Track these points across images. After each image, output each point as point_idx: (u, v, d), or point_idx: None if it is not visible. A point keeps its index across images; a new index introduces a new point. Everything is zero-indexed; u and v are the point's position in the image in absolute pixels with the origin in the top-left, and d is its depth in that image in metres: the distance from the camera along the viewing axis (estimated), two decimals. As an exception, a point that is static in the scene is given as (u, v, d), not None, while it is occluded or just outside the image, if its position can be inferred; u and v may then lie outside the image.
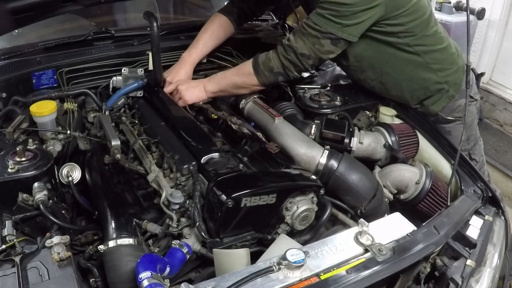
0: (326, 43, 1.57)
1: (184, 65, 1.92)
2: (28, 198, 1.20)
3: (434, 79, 1.71)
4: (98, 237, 1.27)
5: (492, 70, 4.00)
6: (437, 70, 1.70)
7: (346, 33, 1.54)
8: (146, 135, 1.59)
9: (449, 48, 1.74)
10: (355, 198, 1.39)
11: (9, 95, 1.68)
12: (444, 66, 1.71)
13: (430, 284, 1.26)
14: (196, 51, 1.95)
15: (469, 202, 1.42)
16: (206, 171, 1.32)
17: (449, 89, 1.74)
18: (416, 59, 1.67)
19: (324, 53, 1.60)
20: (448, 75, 1.72)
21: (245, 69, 1.72)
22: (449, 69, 1.72)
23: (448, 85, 1.73)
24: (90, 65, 1.89)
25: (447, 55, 1.72)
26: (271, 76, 1.68)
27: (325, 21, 1.53)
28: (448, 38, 1.77)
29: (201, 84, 1.80)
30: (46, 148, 1.44)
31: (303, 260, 0.98)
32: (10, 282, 0.97)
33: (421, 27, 1.62)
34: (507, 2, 3.68)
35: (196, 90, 1.79)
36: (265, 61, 1.66)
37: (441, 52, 1.70)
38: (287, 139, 1.47)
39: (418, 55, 1.67)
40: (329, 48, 1.58)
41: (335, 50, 1.60)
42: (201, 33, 1.98)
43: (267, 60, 1.66)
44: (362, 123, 1.75)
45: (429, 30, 1.65)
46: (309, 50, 1.59)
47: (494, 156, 3.57)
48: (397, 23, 1.58)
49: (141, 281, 0.92)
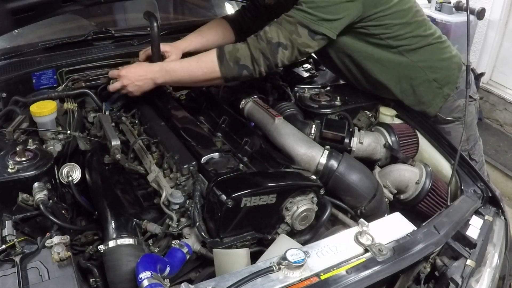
0: (303, 33, 1.50)
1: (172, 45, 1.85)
2: (28, 198, 1.20)
3: (422, 78, 1.70)
4: (98, 237, 1.27)
5: (492, 70, 3.99)
6: (425, 68, 1.69)
7: (323, 26, 1.50)
8: (146, 135, 1.59)
9: (439, 45, 1.72)
10: (355, 198, 1.39)
11: (9, 95, 1.68)
12: (432, 64, 1.70)
13: (430, 284, 1.26)
14: (190, 39, 1.90)
15: (469, 202, 1.42)
16: (206, 171, 1.32)
17: (443, 87, 1.73)
18: (401, 59, 1.67)
19: (302, 45, 1.52)
20: (437, 72, 1.71)
21: (208, 57, 1.58)
22: (438, 67, 1.71)
23: (438, 83, 1.72)
24: (90, 65, 1.89)
25: (435, 53, 1.71)
26: (235, 68, 1.55)
27: (302, 13, 1.49)
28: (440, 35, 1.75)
29: (148, 77, 1.63)
30: (46, 148, 1.44)
31: (303, 260, 0.98)
32: (10, 282, 0.97)
33: (405, 27, 1.62)
34: (507, 2, 3.67)
35: (143, 86, 1.64)
36: (232, 51, 1.55)
37: (428, 51, 1.69)
38: (287, 139, 1.47)
39: (403, 55, 1.66)
40: (306, 40, 1.51)
41: (313, 44, 1.53)
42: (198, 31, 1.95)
43: (235, 50, 1.55)
44: (362, 123, 1.75)
45: (414, 29, 1.65)
46: (286, 39, 1.51)
47: (494, 156, 3.56)
48: (378, 24, 1.57)
49: (141, 281, 0.92)
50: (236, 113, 1.70)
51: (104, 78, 1.83)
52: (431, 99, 1.76)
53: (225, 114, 1.64)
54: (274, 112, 1.60)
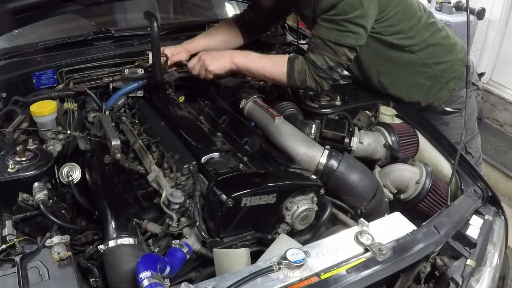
0: (345, 52, 1.59)
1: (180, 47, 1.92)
2: (28, 198, 1.20)
3: (429, 73, 1.75)
4: (98, 237, 1.27)
5: (492, 70, 3.99)
6: (432, 65, 1.74)
7: (359, 39, 1.57)
8: (146, 135, 1.59)
9: (446, 39, 1.77)
10: (355, 197, 1.39)
11: (9, 95, 1.68)
12: (439, 60, 1.75)
13: (430, 283, 1.26)
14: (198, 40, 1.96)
15: (469, 201, 1.42)
16: (206, 171, 1.32)
17: (448, 82, 1.77)
18: (410, 57, 1.71)
19: (347, 60, 1.62)
20: (444, 68, 1.75)
21: (279, 67, 1.69)
22: (444, 62, 1.75)
23: (444, 78, 1.76)
24: (90, 65, 1.89)
25: (442, 50, 1.76)
26: (301, 85, 1.69)
27: (336, 33, 1.55)
28: (446, 29, 1.80)
29: (227, 54, 1.75)
30: (46, 148, 1.44)
31: (303, 259, 0.98)
32: (10, 282, 0.97)
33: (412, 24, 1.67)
34: (507, 2, 3.67)
35: (221, 59, 1.73)
36: (301, 72, 1.65)
37: (437, 49, 1.74)
38: (287, 139, 1.47)
39: (412, 52, 1.70)
40: (349, 55, 1.61)
41: (353, 55, 1.63)
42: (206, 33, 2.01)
43: (303, 72, 1.65)
44: (362, 123, 1.76)
45: (421, 27, 1.69)
46: (333, 62, 1.60)
47: (494, 156, 3.56)
48: (388, 23, 1.62)
49: (141, 281, 0.92)
50: (236, 113, 1.70)
51: (106, 78, 1.84)
52: (437, 92, 1.79)
53: (225, 114, 1.64)
54: (274, 112, 1.60)
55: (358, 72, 1.84)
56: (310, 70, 1.64)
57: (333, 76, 1.64)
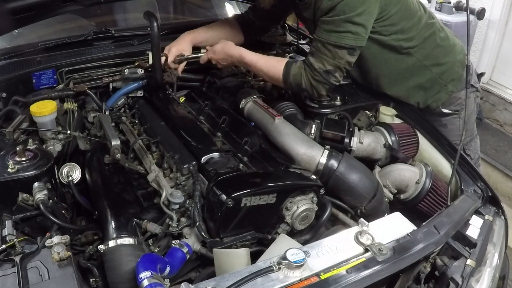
0: (343, 54, 1.58)
1: (183, 41, 1.93)
2: (28, 198, 1.20)
3: (428, 76, 1.75)
4: (98, 237, 1.27)
5: (492, 70, 3.99)
6: (431, 66, 1.74)
7: (359, 40, 1.55)
8: (146, 135, 1.59)
9: (445, 41, 1.76)
10: (355, 198, 1.39)
11: (9, 95, 1.68)
12: (438, 62, 1.74)
13: (430, 283, 1.26)
14: (198, 31, 1.97)
15: (469, 201, 1.42)
16: (206, 171, 1.32)
17: (447, 84, 1.76)
18: (409, 59, 1.71)
19: (346, 64, 1.61)
20: (443, 70, 1.75)
21: (275, 71, 1.71)
22: (443, 64, 1.75)
23: (443, 80, 1.76)
24: (90, 65, 1.89)
25: (441, 52, 1.75)
26: (296, 88, 1.69)
27: (336, 34, 1.54)
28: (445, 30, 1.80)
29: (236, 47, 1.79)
30: (46, 148, 1.44)
31: (303, 259, 0.98)
32: (10, 282, 0.97)
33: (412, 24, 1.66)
34: (507, 2, 3.67)
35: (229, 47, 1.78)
36: (296, 76, 1.66)
37: (435, 50, 1.73)
38: (287, 139, 1.47)
39: (410, 55, 1.70)
40: (348, 59, 1.60)
41: (354, 58, 1.62)
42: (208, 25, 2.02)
43: (298, 75, 1.65)
44: (362, 123, 1.76)
45: (421, 27, 1.69)
46: (331, 65, 1.59)
47: (494, 156, 3.56)
48: (389, 22, 1.61)
49: (141, 281, 0.92)
50: (236, 113, 1.70)
51: (106, 78, 1.84)
52: (435, 94, 1.79)
53: (225, 114, 1.64)
54: (274, 112, 1.60)
55: (357, 75, 1.84)
56: (306, 73, 1.63)
57: (329, 81, 1.62)
